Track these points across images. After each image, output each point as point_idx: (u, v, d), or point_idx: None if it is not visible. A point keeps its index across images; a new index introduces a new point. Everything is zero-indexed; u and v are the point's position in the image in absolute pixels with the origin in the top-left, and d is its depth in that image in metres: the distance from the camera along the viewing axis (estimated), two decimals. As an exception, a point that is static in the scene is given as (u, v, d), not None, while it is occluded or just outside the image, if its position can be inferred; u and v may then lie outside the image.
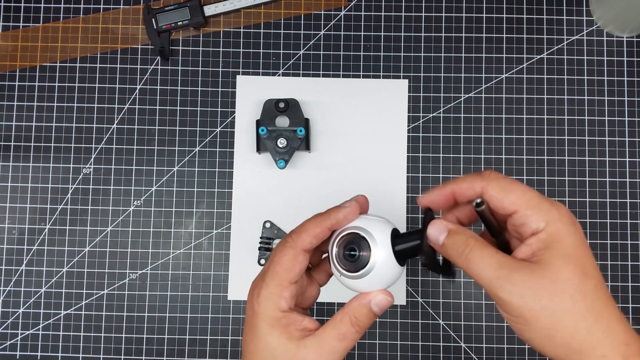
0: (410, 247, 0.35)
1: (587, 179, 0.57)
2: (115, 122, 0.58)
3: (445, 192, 0.34)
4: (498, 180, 0.33)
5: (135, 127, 0.58)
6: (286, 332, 0.34)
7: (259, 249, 0.56)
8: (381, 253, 0.34)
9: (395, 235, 0.35)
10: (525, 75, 0.59)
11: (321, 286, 0.40)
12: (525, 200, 0.32)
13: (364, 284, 0.35)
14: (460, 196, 0.34)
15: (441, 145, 0.58)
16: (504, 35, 0.59)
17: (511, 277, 0.30)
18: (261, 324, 0.34)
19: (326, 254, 0.39)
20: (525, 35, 0.59)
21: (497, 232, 0.34)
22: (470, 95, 0.58)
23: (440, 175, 0.57)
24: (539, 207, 0.31)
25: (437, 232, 0.33)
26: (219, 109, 0.58)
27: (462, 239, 0.32)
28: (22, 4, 0.60)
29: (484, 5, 0.59)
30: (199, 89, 0.59)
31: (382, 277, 0.35)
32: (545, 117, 0.58)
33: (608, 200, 0.57)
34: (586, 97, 0.58)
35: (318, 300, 0.40)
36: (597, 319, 0.29)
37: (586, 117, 0.58)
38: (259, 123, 0.56)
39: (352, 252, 0.35)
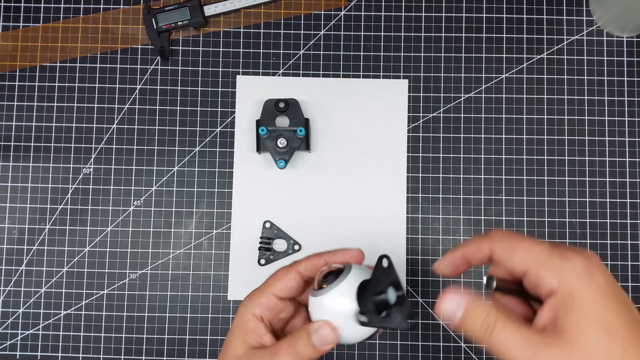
0: (376, 298, 0.34)
1: (587, 179, 0.57)
2: (115, 122, 0.58)
3: (456, 257, 0.34)
4: (503, 239, 0.31)
5: (135, 127, 0.58)
6: (244, 336, 0.36)
7: (259, 249, 0.56)
8: (347, 283, 0.35)
9: (364, 286, 0.35)
10: (525, 75, 0.59)
11: None
12: (534, 258, 0.30)
13: (321, 309, 0.35)
14: (472, 259, 0.33)
15: (441, 145, 0.58)
16: (504, 35, 0.59)
17: (538, 358, 0.28)
18: (234, 322, 0.38)
19: None
20: (525, 35, 0.59)
21: (522, 296, 0.32)
22: (470, 95, 0.58)
23: (440, 176, 0.57)
24: (549, 262, 0.29)
25: (453, 306, 0.30)
26: (219, 109, 0.58)
27: (481, 316, 0.29)
28: (22, 4, 0.60)
29: (484, 5, 0.59)
30: (199, 89, 0.59)
31: (340, 311, 0.35)
32: (545, 117, 0.58)
33: (608, 200, 0.57)
34: (586, 97, 0.58)
35: None
36: None
37: (586, 117, 0.58)
38: (259, 123, 0.56)
39: (327, 274, 0.37)
